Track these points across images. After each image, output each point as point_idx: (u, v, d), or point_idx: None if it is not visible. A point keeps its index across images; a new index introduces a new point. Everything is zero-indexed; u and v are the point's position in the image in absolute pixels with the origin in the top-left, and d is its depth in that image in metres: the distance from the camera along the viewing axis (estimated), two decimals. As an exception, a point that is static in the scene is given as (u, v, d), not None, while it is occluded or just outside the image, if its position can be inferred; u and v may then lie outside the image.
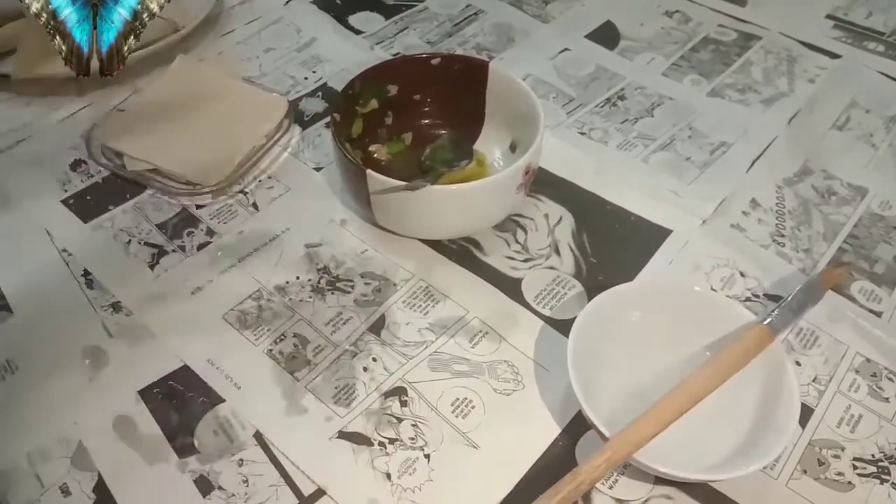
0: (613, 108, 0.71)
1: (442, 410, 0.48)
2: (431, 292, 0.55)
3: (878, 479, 0.46)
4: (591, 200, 0.62)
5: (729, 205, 0.62)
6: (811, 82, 0.74)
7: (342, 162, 0.55)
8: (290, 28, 0.80)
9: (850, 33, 0.81)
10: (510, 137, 0.62)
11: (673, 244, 0.59)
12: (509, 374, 0.50)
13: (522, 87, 0.58)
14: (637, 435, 0.43)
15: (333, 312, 0.54)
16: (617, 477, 0.45)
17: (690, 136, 0.68)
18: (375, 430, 0.47)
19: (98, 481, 0.45)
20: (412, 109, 0.64)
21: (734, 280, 0.57)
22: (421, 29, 0.80)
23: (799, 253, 0.58)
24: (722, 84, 0.74)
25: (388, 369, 0.51)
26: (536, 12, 0.83)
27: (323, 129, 0.68)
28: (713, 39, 0.80)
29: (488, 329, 0.53)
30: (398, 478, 0.45)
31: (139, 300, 0.54)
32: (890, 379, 0.51)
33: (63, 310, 0.54)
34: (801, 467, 0.46)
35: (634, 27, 0.81)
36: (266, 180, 0.63)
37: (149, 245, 0.58)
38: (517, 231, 0.60)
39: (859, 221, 0.61)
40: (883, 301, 0.56)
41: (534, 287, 0.56)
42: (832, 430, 0.48)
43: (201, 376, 0.50)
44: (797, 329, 0.53)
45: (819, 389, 0.50)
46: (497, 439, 0.47)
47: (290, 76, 0.74)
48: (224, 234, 0.59)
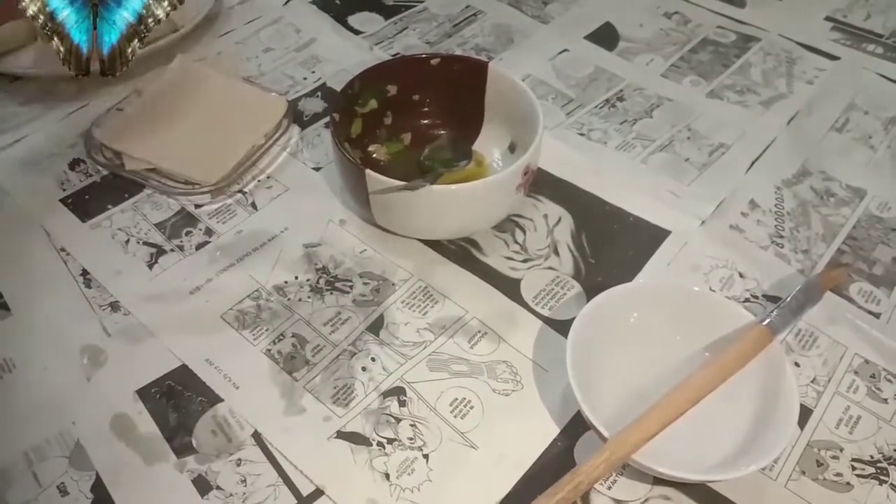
0: (612, 109, 0.71)
1: (441, 410, 0.48)
2: (430, 292, 0.55)
3: (876, 479, 0.46)
4: (590, 201, 0.62)
5: (728, 206, 0.62)
6: (810, 84, 0.74)
7: (341, 162, 0.55)
8: (289, 28, 0.80)
9: (848, 35, 0.81)
10: (509, 138, 0.62)
11: (672, 245, 0.59)
12: (508, 374, 0.50)
13: (522, 88, 0.58)
14: (636, 435, 0.43)
15: (332, 312, 0.54)
16: (616, 477, 0.45)
17: (689, 138, 0.68)
18: (374, 430, 0.47)
19: (96, 481, 0.45)
20: (411, 110, 0.64)
21: (733, 281, 0.57)
22: (420, 29, 0.80)
23: (798, 254, 0.59)
24: (721, 85, 0.74)
25: (386, 369, 0.50)
26: (536, 13, 0.83)
27: (322, 129, 0.68)
28: (712, 41, 0.80)
29: (487, 329, 0.53)
30: (397, 478, 0.45)
31: (137, 299, 0.54)
32: (888, 380, 0.51)
33: (61, 309, 0.54)
34: (799, 468, 0.46)
35: (634, 28, 0.81)
36: (265, 180, 0.63)
37: (147, 244, 0.58)
38: (516, 231, 0.60)
39: (858, 223, 0.61)
40: (882, 302, 0.56)
41: (533, 287, 0.56)
42: (831, 430, 0.48)
43: (199, 376, 0.50)
44: (796, 330, 0.53)
45: (818, 390, 0.50)
46: (496, 440, 0.47)
47: (290, 76, 0.74)
48: (223, 233, 0.59)
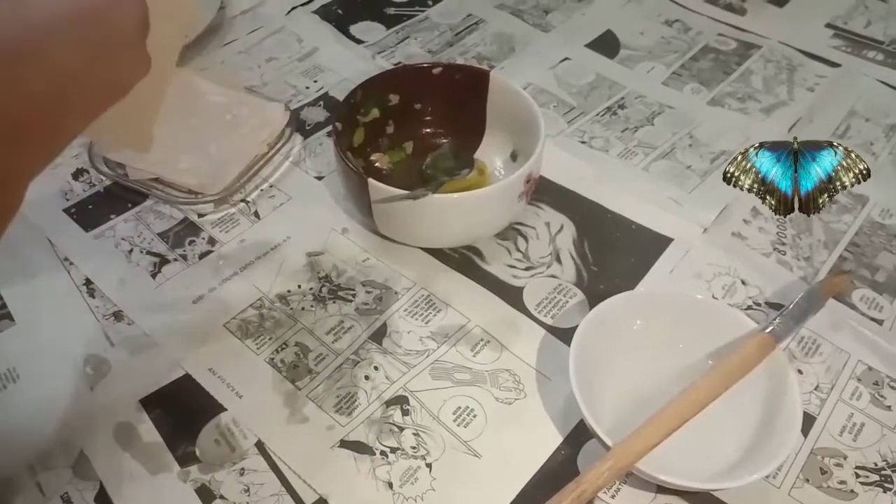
0: (614, 117, 0.71)
1: (443, 419, 0.48)
2: (433, 301, 0.55)
3: (881, 487, 0.46)
4: (592, 209, 0.62)
5: (730, 213, 0.62)
6: (811, 91, 0.75)
7: (344, 171, 0.55)
8: (291, 38, 0.80)
9: (849, 42, 0.81)
10: (511, 146, 0.62)
11: (674, 252, 0.59)
12: (511, 382, 0.50)
13: (523, 96, 0.58)
14: (639, 444, 0.43)
15: (335, 321, 0.54)
16: (619, 486, 0.45)
17: (691, 145, 0.69)
18: (377, 439, 0.47)
19: (100, 490, 0.45)
20: (413, 118, 0.64)
21: (735, 288, 0.57)
22: (422, 38, 0.81)
23: (800, 261, 0.59)
24: (722, 93, 0.75)
25: (389, 378, 0.51)
26: (537, 22, 0.83)
27: (324, 138, 0.68)
28: (713, 48, 0.80)
29: (490, 338, 0.53)
30: (400, 487, 0.45)
31: (141, 309, 0.54)
32: (892, 387, 0.51)
33: (65, 318, 0.54)
34: (803, 476, 0.46)
35: (635, 36, 0.82)
36: (267, 189, 0.63)
37: (150, 254, 0.58)
38: (518, 239, 0.60)
39: (860, 230, 0.61)
40: (884, 309, 0.56)
41: (535, 295, 0.56)
42: (834, 438, 0.48)
43: (203, 385, 0.50)
44: (799, 337, 0.53)
45: (821, 398, 0.50)
46: (499, 448, 0.47)
47: (292, 85, 0.74)
48: (226, 242, 0.59)
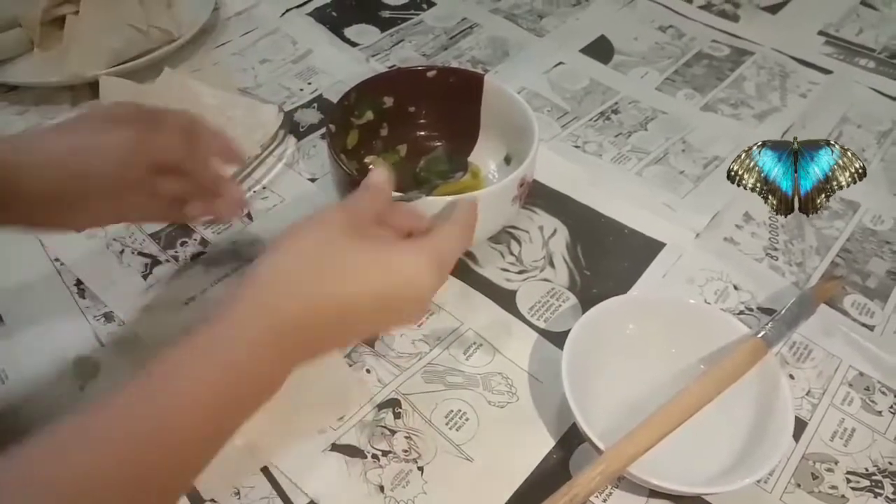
0: (607, 122, 0.72)
1: (436, 422, 0.48)
2: (426, 304, 0.55)
3: (871, 492, 0.46)
4: (585, 213, 0.62)
5: (722, 218, 0.62)
6: (803, 97, 0.75)
7: (337, 173, 0.55)
8: (285, 40, 0.80)
9: (841, 49, 0.82)
10: (505, 150, 0.62)
11: (667, 257, 0.59)
12: (503, 386, 0.50)
13: (517, 100, 0.58)
14: (631, 448, 0.43)
15: (327, 323, 0.53)
16: (611, 490, 0.45)
17: (684, 150, 0.69)
18: (369, 443, 0.47)
19: (88, 493, 0.44)
20: (407, 121, 0.64)
21: (728, 293, 0.57)
22: (416, 42, 0.81)
23: (792, 266, 0.59)
24: (715, 98, 0.75)
25: (381, 381, 0.50)
26: (531, 26, 0.84)
27: (318, 140, 0.68)
28: (706, 54, 0.81)
29: (482, 341, 0.53)
30: (391, 490, 0.45)
31: (132, 310, 0.54)
32: (883, 392, 0.51)
33: (55, 319, 0.53)
34: (794, 481, 0.46)
35: (628, 42, 0.82)
36: (261, 191, 0.63)
37: (142, 255, 0.58)
38: (512, 243, 0.60)
39: (852, 236, 0.61)
40: (875, 315, 0.56)
41: (528, 299, 0.56)
42: (826, 443, 0.48)
43: (194, 387, 0.49)
44: (791, 342, 0.54)
45: (813, 403, 0.50)
46: (491, 452, 0.47)
47: (286, 87, 0.74)
48: (218, 244, 0.59)
